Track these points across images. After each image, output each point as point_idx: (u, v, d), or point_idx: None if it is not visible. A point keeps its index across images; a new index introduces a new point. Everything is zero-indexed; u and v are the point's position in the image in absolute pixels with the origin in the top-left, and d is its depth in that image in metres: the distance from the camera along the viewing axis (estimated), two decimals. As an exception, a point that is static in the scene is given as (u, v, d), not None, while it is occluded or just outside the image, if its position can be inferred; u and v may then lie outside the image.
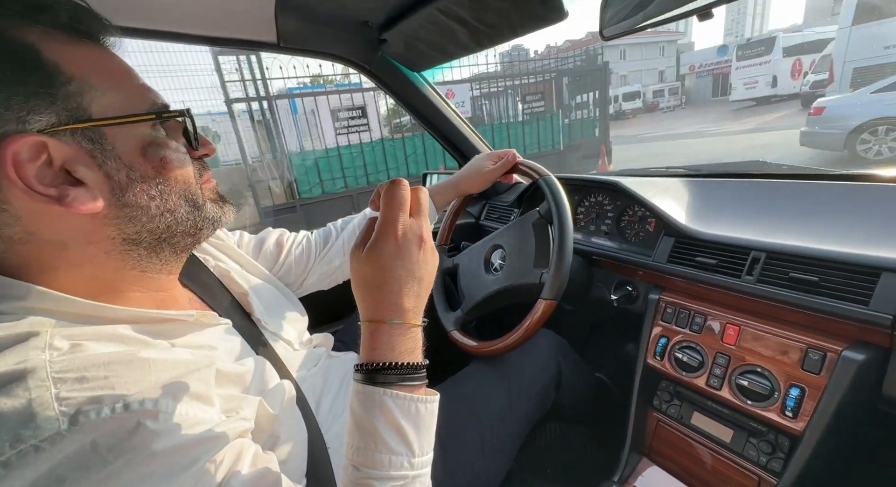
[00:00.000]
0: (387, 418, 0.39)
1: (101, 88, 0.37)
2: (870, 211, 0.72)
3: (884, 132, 5.63)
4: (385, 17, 0.91)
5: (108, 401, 0.30)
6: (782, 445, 0.64)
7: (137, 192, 0.39)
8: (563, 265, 0.73)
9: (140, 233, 0.40)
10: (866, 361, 0.56)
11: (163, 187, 0.41)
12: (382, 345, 0.42)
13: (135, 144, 0.39)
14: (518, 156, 0.89)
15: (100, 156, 0.37)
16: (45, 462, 0.27)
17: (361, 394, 0.40)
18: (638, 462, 0.82)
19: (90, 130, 0.36)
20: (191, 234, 0.45)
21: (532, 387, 0.83)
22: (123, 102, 0.38)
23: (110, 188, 0.38)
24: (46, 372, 0.30)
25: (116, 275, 0.41)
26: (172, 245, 0.44)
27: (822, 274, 0.61)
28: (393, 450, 0.39)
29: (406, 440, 0.40)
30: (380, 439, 0.39)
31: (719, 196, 0.93)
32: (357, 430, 0.40)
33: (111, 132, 0.37)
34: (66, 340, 0.33)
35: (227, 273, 0.60)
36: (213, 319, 0.47)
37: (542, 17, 0.79)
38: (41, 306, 0.35)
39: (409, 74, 1.11)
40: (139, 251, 0.41)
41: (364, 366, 0.41)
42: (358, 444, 0.40)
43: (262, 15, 0.83)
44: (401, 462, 0.39)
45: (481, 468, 0.72)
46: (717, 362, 0.70)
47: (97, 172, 0.37)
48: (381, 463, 0.39)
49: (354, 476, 0.39)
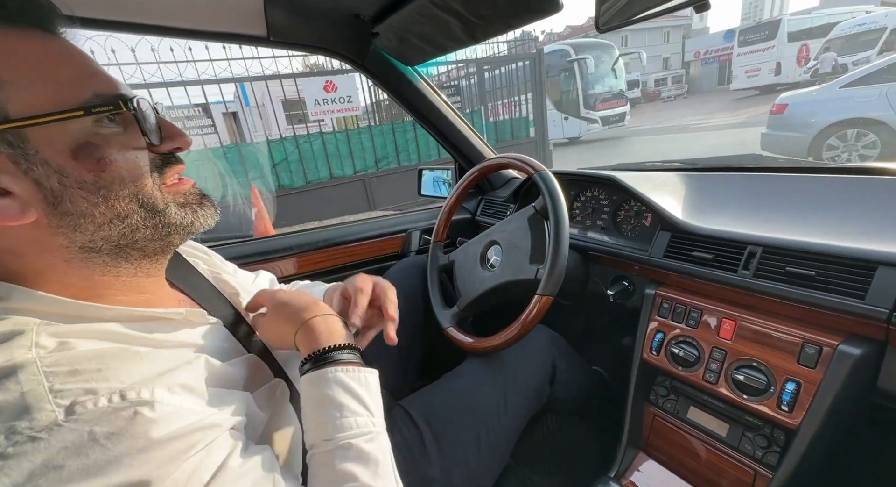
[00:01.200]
0: (344, 388, 0.43)
1: (21, 83, 0.32)
2: (866, 205, 0.71)
3: (854, 137, 4.52)
4: (377, 10, 0.90)
5: (103, 392, 0.30)
6: (778, 439, 0.64)
7: (75, 199, 0.35)
8: (559, 261, 0.72)
9: (94, 241, 0.37)
10: (862, 355, 0.56)
11: (106, 192, 0.36)
12: (321, 334, 0.46)
13: (64, 145, 0.34)
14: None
15: (23, 162, 0.33)
16: (42, 452, 0.27)
17: (315, 378, 0.44)
18: (634, 456, 0.82)
19: (7, 132, 0.32)
20: (157, 239, 0.41)
21: (527, 382, 0.83)
22: (52, 96, 0.33)
23: (42, 197, 0.34)
24: (37, 367, 0.29)
25: (88, 281, 0.39)
26: (140, 249, 0.41)
27: (818, 268, 0.60)
28: (357, 412, 0.43)
29: (364, 403, 0.44)
30: (343, 406, 0.42)
31: (716, 191, 0.93)
32: (319, 408, 0.43)
33: (34, 134, 0.32)
34: (52, 338, 0.32)
35: (217, 274, 0.59)
36: (201, 317, 0.47)
37: (536, 9, 0.78)
38: (24, 306, 0.35)
39: (402, 69, 1.09)
40: (102, 258, 0.39)
41: (310, 356, 0.45)
42: (324, 418, 0.42)
43: (251, 8, 0.81)
44: (365, 421, 0.43)
45: (477, 463, 0.72)
46: (713, 356, 0.70)
47: (23, 179, 0.33)
48: (350, 425, 0.42)
49: (328, 446, 0.41)
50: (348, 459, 0.40)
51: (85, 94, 0.35)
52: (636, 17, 0.64)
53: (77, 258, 0.37)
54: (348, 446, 0.41)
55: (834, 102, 4.62)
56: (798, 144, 4.77)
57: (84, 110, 0.34)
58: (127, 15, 0.75)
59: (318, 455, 0.42)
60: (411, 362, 0.95)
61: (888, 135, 4.27)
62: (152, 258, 0.43)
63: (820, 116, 4.64)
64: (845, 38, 10.15)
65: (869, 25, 9.88)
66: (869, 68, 4.55)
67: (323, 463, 0.41)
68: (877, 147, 4.37)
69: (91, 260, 0.38)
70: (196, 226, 0.43)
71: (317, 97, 5.44)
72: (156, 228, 0.40)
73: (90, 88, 0.35)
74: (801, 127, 4.76)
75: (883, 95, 4.21)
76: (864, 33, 9.89)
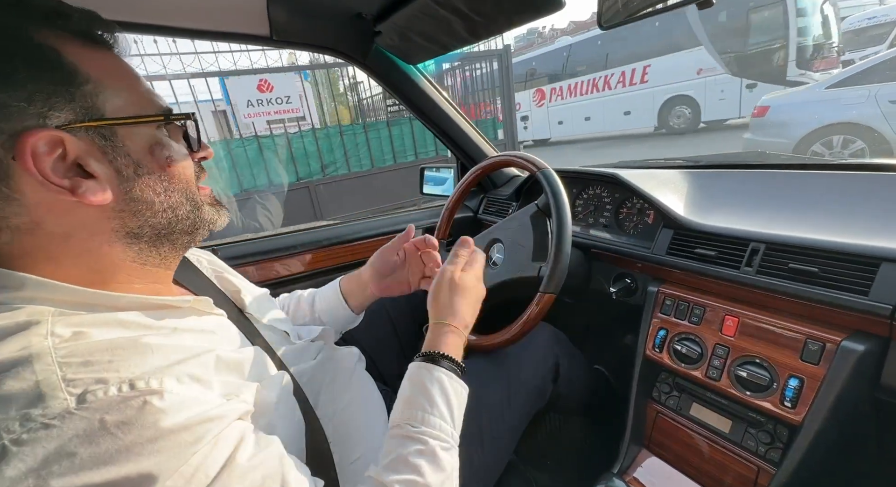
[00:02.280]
0: (442, 389, 0.50)
1: (114, 90, 0.39)
2: (869, 201, 0.71)
3: (840, 144, 4.01)
4: (379, 9, 0.90)
5: (114, 381, 0.31)
6: (781, 435, 0.64)
7: (144, 187, 0.41)
8: (562, 259, 0.72)
9: (142, 227, 0.42)
10: (865, 351, 0.56)
11: (167, 185, 0.43)
12: (448, 342, 0.56)
13: (143, 142, 0.41)
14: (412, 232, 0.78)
15: (111, 152, 0.39)
16: (54, 439, 0.28)
17: (423, 367, 0.52)
18: (637, 453, 0.82)
19: (103, 127, 0.38)
20: (188, 232, 0.47)
21: (530, 380, 0.83)
22: (133, 104, 0.41)
23: (119, 182, 0.40)
24: (52, 357, 0.31)
25: (116, 267, 0.42)
26: (171, 241, 0.46)
27: (821, 265, 0.60)
28: (443, 416, 0.49)
29: (452, 411, 0.50)
30: (434, 403, 0.49)
31: (718, 187, 0.93)
32: (414, 391, 0.50)
33: (122, 131, 0.40)
34: (67, 327, 0.34)
35: (220, 273, 0.61)
36: (207, 306, 0.48)
37: (538, 7, 0.78)
38: (40, 295, 0.36)
39: (404, 67, 1.09)
40: (140, 245, 0.43)
41: (430, 353, 0.54)
42: (415, 405, 0.49)
43: (253, 7, 0.82)
44: (447, 429, 0.49)
45: (481, 461, 0.72)
46: (716, 353, 0.70)
47: (108, 166, 0.39)
48: (434, 425, 0.48)
49: (407, 431, 0.47)
50: (423, 455, 0.45)
51: (153, 105, 0.43)
52: (639, 14, 0.64)
53: (120, 243, 0.42)
54: (425, 442, 0.46)
55: (819, 104, 4.15)
56: (780, 150, 4.29)
57: (164, 117, 0.43)
58: (129, 15, 0.75)
59: (397, 434, 0.47)
60: (413, 358, 0.95)
61: (877, 142, 3.81)
62: (178, 251, 0.48)
63: (803, 119, 4.17)
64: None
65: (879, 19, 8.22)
66: (857, 67, 4.06)
67: (398, 445, 0.46)
68: (865, 155, 3.84)
69: (130, 246, 0.42)
70: (219, 224, 0.50)
71: (249, 98, 4.94)
72: (193, 221, 0.46)
73: (155, 100, 0.44)
74: (784, 132, 4.28)
75: (872, 98, 3.78)
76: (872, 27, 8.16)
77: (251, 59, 5.01)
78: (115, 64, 0.42)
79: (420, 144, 6.27)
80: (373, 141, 5.83)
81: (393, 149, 6.04)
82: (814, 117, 4.11)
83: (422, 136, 6.24)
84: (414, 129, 6.12)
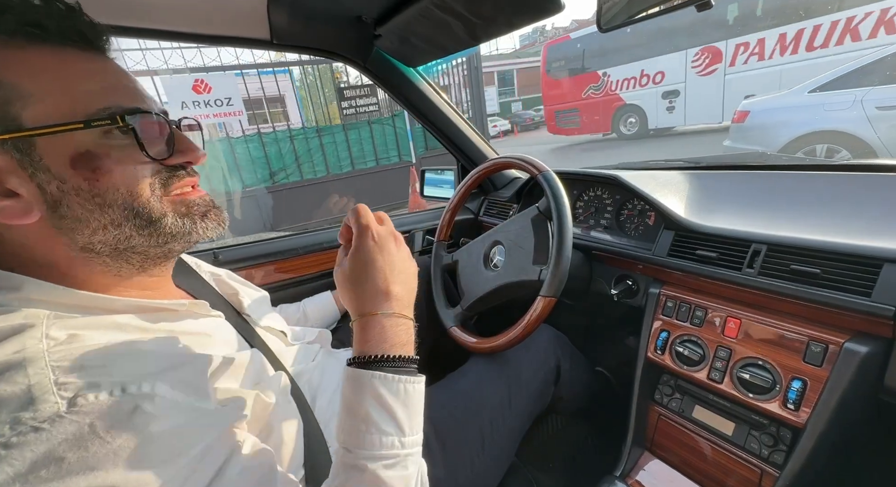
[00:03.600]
0: (376, 399, 0.41)
1: (38, 94, 0.35)
2: (871, 201, 0.71)
3: (823, 153, 3.74)
4: (379, 12, 0.90)
5: (105, 386, 0.31)
6: (784, 437, 0.64)
7: (72, 204, 0.37)
8: (563, 262, 0.72)
9: (91, 243, 0.39)
10: (869, 352, 0.55)
11: (100, 200, 0.38)
12: (375, 337, 0.44)
13: (65, 154, 0.36)
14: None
15: (29, 167, 0.35)
16: (44, 442, 0.28)
17: (351, 378, 0.42)
18: (640, 455, 0.82)
19: (19, 140, 0.34)
20: (155, 246, 0.42)
21: (531, 382, 0.83)
22: (64, 109, 0.36)
23: (44, 200, 0.36)
24: (45, 361, 0.30)
25: (93, 277, 0.40)
26: (141, 254, 0.42)
27: (823, 266, 0.60)
28: (384, 431, 0.41)
29: (396, 419, 0.42)
30: (370, 420, 0.41)
31: (719, 189, 0.92)
32: (348, 413, 0.42)
33: (41, 142, 0.35)
34: (62, 330, 0.34)
35: (218, 276, 0.61)
36: (204, 309, 0.48)
37: (538, 9, 0.78)
38: (36, 297, 0.36)
39: (404, 70, 1.09)
40: (102, 259, 0.40)
41: (357, 359, 0.43)
42: (349, 427, 0.41)
43: (254, 11, 0.82)
44: (392, 441, 0.41)
45: (482, 463, 0.72)
46: (718, 355, 0.69)
47: (29, 183, 0.36)
48: (373, 444, 0.40)
49: (346, 457, 0.40)
50: (362, 483, 0.39)
51: (95, 107, 0.37)
52: (638, 16, 0.64)
53: (80, 258, 0.39)
54: (363, 469, 0.39)
55: (801, 109, 3.79)
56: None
57: (84, 123, 0.36)
58: (129, 20, 0.76)
59: (337, 461, 0.41)
60: None
61: (863, 152, 3.51)
62: (154, 261, 0.44)
63: (784, 126, 3.84)
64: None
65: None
66: (843, 69, 3.69)
67: (337, 475, 0.41)
68: (850, 166, 3.50)
69: (91, 260, 0.40)
70: (194, 236, 0.44)
71: (184, 99, 4.59)
72: (151, 236, 0.41)
73: (103, 101, 0.38)
74: (764, 139, 3.96)
75: (858, 103, 3.44)
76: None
77: (184, 57, 4.60)
78: (52, 63, 0.36)
79: (381, 149, 5.91)
80: (328, 146, 5.44)
81: (350, 155, 5.68)
82: (796, 124, 3.80)
83: (382, 140, 5.89)
84: (373, 133, 5.77)
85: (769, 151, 3.95)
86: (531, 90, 31.69)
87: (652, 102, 7.71)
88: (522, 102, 30.05)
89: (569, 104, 9.08)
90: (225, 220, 0.47)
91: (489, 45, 7.32)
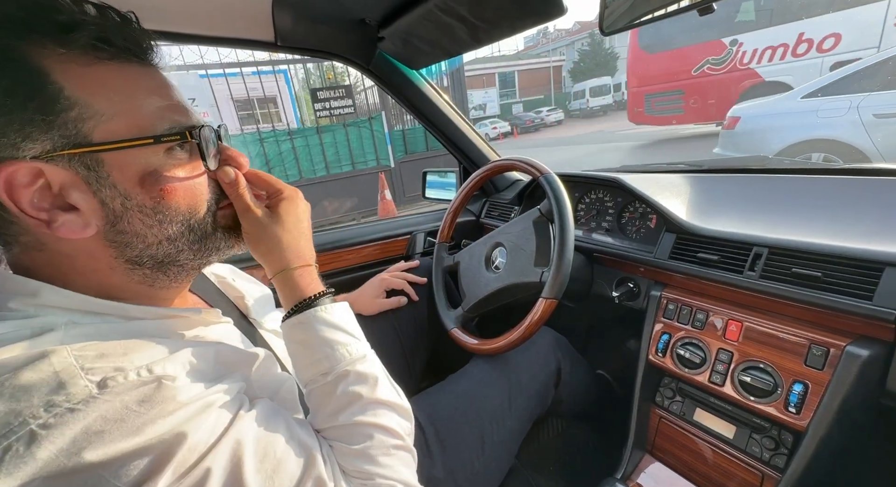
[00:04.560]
0: (328, 325, 0.47)
1: (109, 112, 0.36)
2: (872, 205, 0.71)
3: (820, 162, 3.42)
4: (383, 15, 0.91)
5: (131, 368, 0.33)
6: (785, 441, 0.64)
7: (133, 220, 0.38)
8: (564, 264, 0.72)
9: (140, 257, 0.40)
10: (870, 356, 0.55)
11: (162, 217, 0.39)
12: (309, 284, 0.49)
13: (133, 172, 0.37)
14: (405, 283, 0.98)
15: (95, 183, 0.36)
16: (80, 421, 0.29)
17: (297, 323, 0.47)
18: (641, 458, 0.82)
19: (87, 156, 0.35)
20: (197, 259, 0.44)
21: (531, 384, 0.83)
22: (133, 125, 0.37)
23: (104, 215, 0.37)
24: (67, 351, 0.31)
25: (125, 286, 0.41)
26: (180, 266, 0.43)
27: (824, 269, 0.60)
28: (345, 343, 0.47)
29: (348, 331, 0.48)
30: (332, 341, 0.46)
31: (721, 192, 0.93)
32: (308, 349, 0.46)
33: (109, 159, 0.36)
34: (79, 334, 0.35)
35: (223, 279, 0.62)
36: (216, 317, 0.48)
37: (541, 13, 0.78)
38: (53, 303, 0.36)
39: (407, 72, 1.10)
40: (143, 271, 0.41)
41: (298, 305, 0.47)
42: (318, 357, 0.46)
43: (258, 13, 0.82)
44: (355, 347, 0.47)
45: (482, 465, 0.72)
46: (719, 358, 0.69)
47: (92, 198, 0.36)
48: (343, 356, 0.46)
49: (328, 379, 0.45)
50: (350, 383, 0.45)
51: (162, 124, 0.38)
52: (640, 20, 0.64)
53: (121, 268, 0.40)
54: (346, 373, 0.45)
55: (794, 116, 3.57)
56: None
57: (154, 139, 0.37)
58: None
59: (318, 388, 0.46)
60: (415, 363, 0.95)
61: (858, 162, 3.16)
62: (189, 274, 0.45)
63: (776, 134, 3.60)
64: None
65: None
66: (838, 73, 3.52)
67: (326, 393, 0.45)
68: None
69: (133, 271, 0.41)
70: (235, 249, 0.47)
71: None
72: (199, 251, 0.43)
73: (168, 118, 0.39)
74: (755, 147, 3.76)
75: (854, 109, 3.23)
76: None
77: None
78: (122, 80, 0.37)
79: (357, 153, 5.69)
80: (301, 149, 5.22)
81: (325, 158, 5.45)
82: (788, 132, 3.58)
83: (358, 143, 5.65)
84: (349, 135, 5.53)
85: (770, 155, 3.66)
86: (532, 92, 31.81)
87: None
88: (523, 104, 30.08)
89: (669, 85, 7.18)
90: None
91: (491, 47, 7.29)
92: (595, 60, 28.83)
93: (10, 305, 0.35)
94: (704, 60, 6.70)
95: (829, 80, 3.57)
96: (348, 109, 5.76)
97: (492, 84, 30.61)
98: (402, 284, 0.98)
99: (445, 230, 1.05)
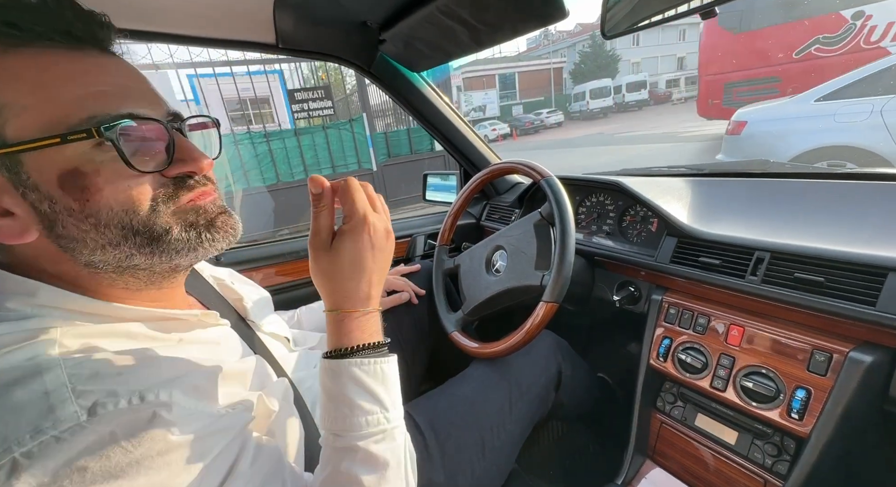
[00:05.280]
0: (357, 383, 0.42)
1: (19, 105, 0.31)
2: (876, 210, 0.71)
3: (823, 166, 3.05)
4: (384, 18, 0.91)
5: (123, 394, 0.31)
6: (788, 447, 0.64)
7: (66, 225, 0.34)
8: (565, 268, 0.72)
9: (93, 261, 0.36)
10: (873, 362, 0.55)
11: (94, 220, 0.34)
12: (353, 331, 0.44)
13: (51, 172, 0.33)
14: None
15: (20, 186, 0.33)
16: (65, 452, 0.28)
17: (329, 369, 0.43)
18: (641, 463, 0.81)
19: (6, 157, 0.32)
20: (160, 262, 0.39)
21: (532, 388, 0.82)
22: (45, 120, 0.32)
23: (39, 219, 0.34)
24: (61, 368, 0.30)
25: (102, 290, 0.39)
26: (147, 270, 0.39)
27: (827, 274, 0.60)
28: (368, 411, 0.42)
29: (377, 398, 0.43)
30: (354, 404, 0.42)
31: (722, 196, 0.92)
32: (330, 401, 0.43)
33: (27, 159, 0.32)
34: (75, 338, 0.34)
35: (221, 281, 0.61)
36: (214, 318, 0.48)
37: (542, 16, 0.78)
38: (50, 303, 0.36)
39: (408, 75, 1.10)
40: (109, 275, 0.38)
41: (333, 352, 0.44)
42: (334, 414, 0.42)
43: (260, 15, 0.82)
44: (377, 419, 0.42)
45: (482, 469, 0.71)
46: (721, 363, 0.69)
47: (22, 203, 0.33)
48: (360, 425, 0.42)
49: (337, 442, 0.42)
50: (355, 462, 0.41)
51: (77, 117, 0.33)
52: (642, 23, 0.64)
53: (85, 271, 0.38)
54: (355, 449, 0.41)
55: (806, 120, 3.18)
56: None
57: (61, 138, 0.32)
58: (136, 23, 0.76)
59: (326, 447, 0.43)
60: (416, 366, 0.95)
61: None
62: (162, 276, 0.42)
63: (786, 140, 3.23)
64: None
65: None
66: (855, 74, 3.14)
67: (330, 460, 0.42)
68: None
69: (97, 274, 0.38)
70: (201, 252, 0.41)
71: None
72: (153, 254, 0.38)
73: (87, 110, 0.33)
74: (762, 155, 3.44)
75: (876, 114, 2.84)
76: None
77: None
78: (33, 69, 0.32)
79: (338, 156, 5.46)
80: (278, 151, 4.99)
81: (304, 161, 5.24)
82: (800, 138, 3.21)
83: (339, 146, 5.39)
84: (329, 138, 5.30)
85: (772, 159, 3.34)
86: (533, 93, 31.87)
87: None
88: (523, 106, 30.14)
89: (759, 71, 5.86)
90: (236, 228, 0.43)
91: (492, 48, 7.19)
92: (596, 62, 29.08)
93: (8, 305, 0.34)
94: (812, 39, 5.35)
95: (848, 80, 3.17)
96: (327, 110, 5.56)
97: (492, 85, 30.68)
98: (403, 284, 0.97)
99: (446, 233, 1.05)
